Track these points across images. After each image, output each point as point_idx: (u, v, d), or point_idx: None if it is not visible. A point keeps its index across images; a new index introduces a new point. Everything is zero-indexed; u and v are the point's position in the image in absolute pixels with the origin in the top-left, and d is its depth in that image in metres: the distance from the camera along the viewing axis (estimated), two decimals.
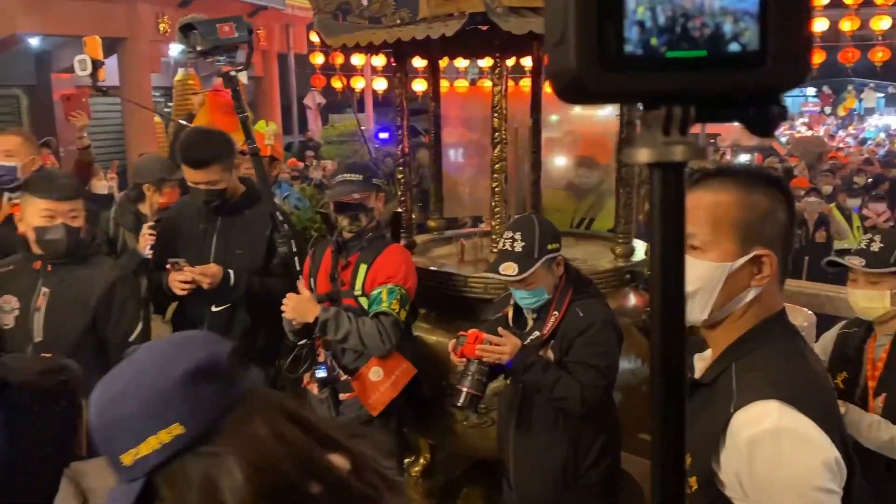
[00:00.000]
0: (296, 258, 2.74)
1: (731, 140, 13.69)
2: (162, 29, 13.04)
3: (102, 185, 4.57)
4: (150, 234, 3.05)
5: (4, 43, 12.74)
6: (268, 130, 5.21)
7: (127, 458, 0.86)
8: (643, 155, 0.49)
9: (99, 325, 2.52)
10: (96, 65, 4.57)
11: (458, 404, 2.31)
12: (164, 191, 3.57)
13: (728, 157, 12.17)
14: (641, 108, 0.49)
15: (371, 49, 3.09)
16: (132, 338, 2.55)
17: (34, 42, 13.49)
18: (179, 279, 2.78)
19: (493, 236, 3.03)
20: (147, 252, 3.05)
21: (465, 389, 2.30)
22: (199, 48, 2.44)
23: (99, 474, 1.69)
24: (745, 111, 0.49)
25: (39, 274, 2.49)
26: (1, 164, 3.08)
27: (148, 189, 3.56)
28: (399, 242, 3.13)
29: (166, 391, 0.86)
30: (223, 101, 4.18)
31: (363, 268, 2.70)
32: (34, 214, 2.44)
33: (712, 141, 13.62)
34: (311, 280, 2.82)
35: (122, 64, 13.21)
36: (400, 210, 3.46)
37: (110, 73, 13.24)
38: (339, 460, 0.91)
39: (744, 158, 11.74)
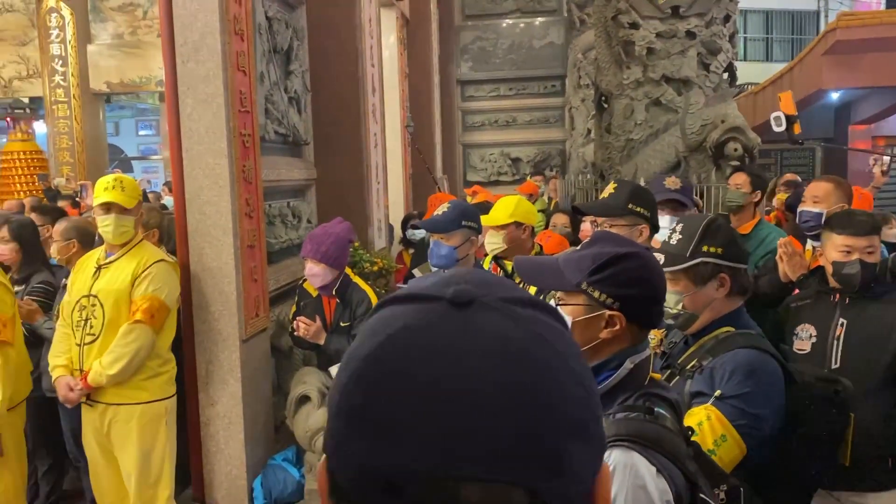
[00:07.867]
0: None
1: None
2: None
3: (892, 233, 4.43)
4: None
5: (809, 99, 14.11)
6: None
7: None
8: None
9: None
10: (790, 119, 4.84)
11: None
12: None
13: None
14: None
15: None
16: None
17: (835, 96, 14.54)
18: None
19: None
20: None
21: None
22: None
23: None
24: None
25: (837, 306, 2.57)
26: (807, 210, 3.19)
27: None
28: None
29: None
30: None
31: None
32: (833, 249, 2.56)
33: None
34: None
35: None
36: None
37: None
38: None
39: None
